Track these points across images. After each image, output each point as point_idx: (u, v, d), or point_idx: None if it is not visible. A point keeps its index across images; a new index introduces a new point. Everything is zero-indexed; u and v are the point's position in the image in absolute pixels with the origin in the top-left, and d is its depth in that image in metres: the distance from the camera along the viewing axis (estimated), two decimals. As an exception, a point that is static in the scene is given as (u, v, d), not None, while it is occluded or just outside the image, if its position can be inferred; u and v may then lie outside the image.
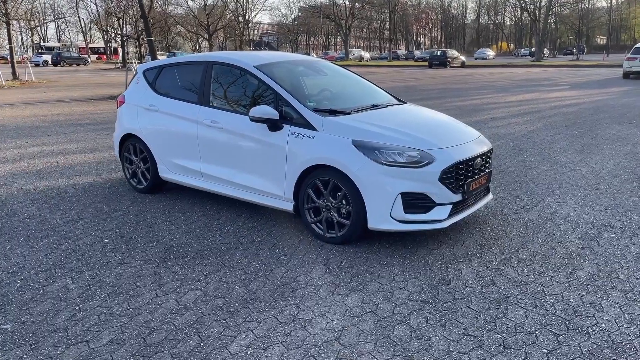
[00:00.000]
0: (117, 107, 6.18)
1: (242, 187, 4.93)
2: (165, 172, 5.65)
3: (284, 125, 4.52)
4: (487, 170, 4.64)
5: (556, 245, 4.35)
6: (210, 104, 5.15)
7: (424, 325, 3.14)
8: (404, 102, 5.46)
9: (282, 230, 4.73)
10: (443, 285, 3.66)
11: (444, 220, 4.19)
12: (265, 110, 4.47)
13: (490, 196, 4.93)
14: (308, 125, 4.41)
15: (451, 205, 4.22)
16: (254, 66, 4.94)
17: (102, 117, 12.94)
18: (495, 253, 4.19)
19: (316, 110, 4.51)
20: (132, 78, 6.18)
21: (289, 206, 4.62)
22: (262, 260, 4.09)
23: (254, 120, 4.52)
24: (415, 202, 4.09)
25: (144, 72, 5.98)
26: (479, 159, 4.45)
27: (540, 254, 4.16)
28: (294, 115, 4.51)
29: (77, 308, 3.37)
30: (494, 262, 4.02)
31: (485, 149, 4.59)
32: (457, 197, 4.24)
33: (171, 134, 5.42)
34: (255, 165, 4.74)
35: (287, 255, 4.19)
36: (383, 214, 4.09)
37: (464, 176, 4.29)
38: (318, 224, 4.47)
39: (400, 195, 4.04)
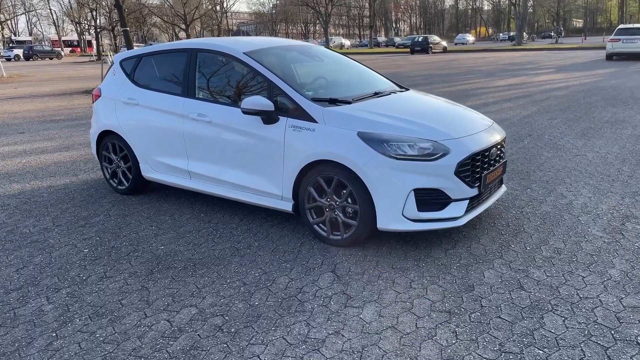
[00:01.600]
0: (93, 102, 5.68)
1: (234, 186, 4.49)
2: (149, 172, 5.18)
3: (280, 117, 4.09)
4: (502, 161, 4.27)
5: (580, 240, 4.00)
6: (196, 96, 4.69)
7: (453, 341, 2.76)
8: (407, 89, 5.06)
9: (281, 233, 4.31)
10: (466, 291, 3.29)
11: (461, 217, 3.81)
12: (259, 102, 4.04)
13: (504, 188, 4.57)
14: (307, 117, 3.98)
15: (467, 201, 3.85)
16: (243, 53, 4.49)
17: (77, 113, 12.31)
18: (517, 251, 3.83)
19: (315, 100, 4.09)
20: (108, 70, 5.67)
21: (287, 206, 4.21)
22: (262, 268, 3.68)
23: (247, 112, 4.08)
24: (430, 199, 3.71)
25: (120, 63, 5.48)
26: (494, 148, 4.09)
27: (565, 251, 3.81)
28: (290, 106, 4.08)
29: (54, 335, 2.92)
30: (517, 261, 3.66)
31: (499, 137, 4.21)
32: (474, 192, 3.86)
33: (154, 129, 4.95)
34: (249, 162, 4.31)
35: (289, 261, 3.78)
36: (394, 212, 3.69)
37: (480, 168, 3.92)
38: (321, 224, 4.07)
39: (413, 191, 3.65)
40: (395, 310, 3.08)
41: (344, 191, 3.84)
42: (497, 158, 4.19)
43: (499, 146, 4.19)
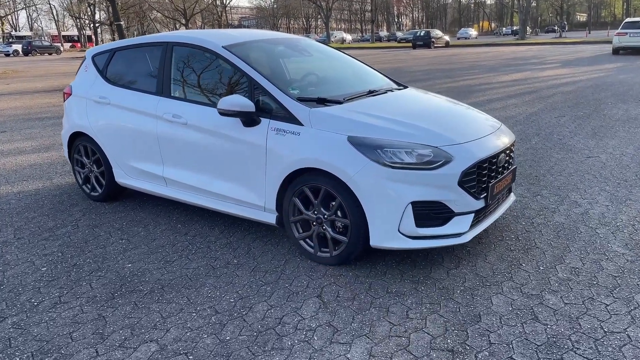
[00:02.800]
0: (64, 100, 5.22)
1: (213, 195, 4.04)
2: (122, 177, 4.73)
3: (262, 119, 3.64)
4: (511, 168, 3.81)
5: (600, 258, 3.55)
6: (172, 95, 4.23)
7: (457, 391, 2.32)
8: (405, 86, 4.59)
9: (264, 248, 3.86)
10: (472, 322, 2.83)
11: (466, 233, 3.36)
12: (238, 101, 3.58)
13: (513, 197, 4.11)
14: (292, 119, 3.53)
15: (473, 215, 3.39)
16: (222, 47, 4.02)
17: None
18: (528, 271, 3.37)
19: (301, 100, 3.63)
20: (80, 65, 5.22)
21: (270, 218, 3.76)
22: (239, 292, 3.23)
23: (224, 113, 3.62)
24: (430, 213, 3.25)
25: (93, 58, 5.02)
26: (502, 154, 3.62)
27: (583, 272, 3.35)
28: (273, 106, 3.62)
29: (-14, 379, 2.49)
30: (530, 284, 3.21)
31: (507, 141, 3.75)
32: (480, 204, 3.40)
33: (126, 131, 4.49)
34: (228, 168, 3.86)
35: (270, 283, 3.33)
36: (389, 228, 3.24)
37: (487, 177, 3.46)
38: (308, 240, 3.62)
39: (410, 204, 3.19)
40: (389, 347, 2.63)
41: (333, 203, 3.39)
42: (506, 165, 3.74)
43: (507, 151, 3.73)
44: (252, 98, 3.71)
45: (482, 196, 3.41)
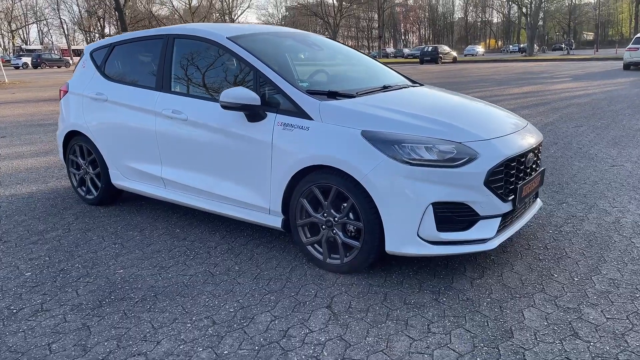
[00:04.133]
0: (60, 99, 4.95)
1: (213, 197, 3.74)
2: (119, 179, 4.43)
3: (268, 113, 3.34)
4: (539, 170, 3.49)
5: (639, 268, 3.20)
6: (172, 90, 3.95)
7: (492, 418, 1.97)
8: (421, 84, 4.29)
9: (268, 254, 3.54)
10: (503, 338, 2.49)
11: (492, 239, 3.02)
12: (242, 94, 3.28)
13: (539, 203, 3.78)
14: (300, 113, 3.22)
15: (500, 218, 3.06)
16: (226, 37, 3.74)
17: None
18: (562, 283, 3.03)
19: (311, 93, 3.33)
20: (78, 62, 4.95)
21: (276, 222, 3.44)
22: (240, 301, 2.90)
23: (227, 107, 3.32)
24: (453, 216, 2.92)
25: (91, 53, 4.75)
26: (531, 153, 3.30)
27: (623, 283, 3.01)
28: (280, 100, 3.33)
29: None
30: (565, 297, 2.87)
31: (535, 140, 3.43)
32: (507, 207, 3.07)
33: (123, 129, 4.21)
34: (230, 167, 3.55)
35: (275, 292, 3.00)
36: (407, 232, 2.91)
37: (515, 177, 3.14)
38: (316, 245, 3.29)
39: (431, 206, 2.87)
40: (410, 365, 2.29)
41: (345, 204, 3.07)
42: (534, 166, 3.42)
43: (536, 151, 3.40)
44: (258, 91, 3.41)
45: (509, 198, 3.08)
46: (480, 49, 72.72)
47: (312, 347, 2.45)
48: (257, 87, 3.44)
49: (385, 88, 3.80)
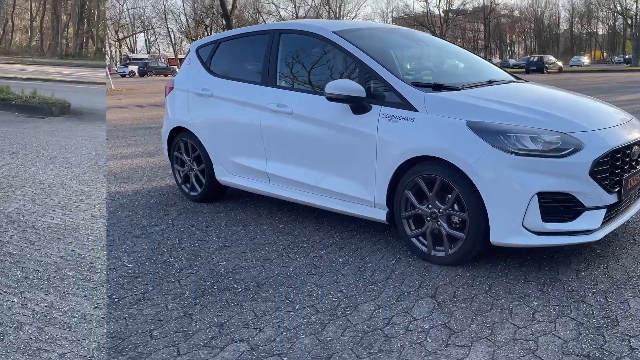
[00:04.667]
0: (165, 95, 5.32)
1: (318, 191, 3.90)
2: (224, 175, 4.71)
3: (373, 105, 3.45)
4: (645, 162, 3.37)
5: None
6: (277, 84, 4.15)
7: (605, 404, 1.97)
8: (526, 80, 4.26)
9: (372, 248, 3.66)
10: (609, 326, 2.46)
11: (597, 230, 2.97)
12: (347, 85, 3.43)
13: (645, 195, 3.63)
14: (405, 104, 3.32)
15: (605, 210, 3.00)
16: (332, 32, 3.90)
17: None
18: (676, 276, 2.91)
19: (416, 85, 3.42)
20: (184, 59, 5.31)
21: (380, 215, 3.55)
22: (343, 291, 3.05)
23: (332, 98, 3.48)
24: (558, 206, 2.91)
25: (197, 50, 5.04)
26: (636, 146, 3.20)
27: None
28: (385, 92, 3.43)
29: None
30: (679, 290, 2.76)
31: (639, 135, 3.32)
32: (612, 199, 3.01)
33: (229, 124, 4.47)
34: (335, 160, 3.70)
35: (378, 283, 3.11)
36: (512, 223, 2.92)
37: (620, 169, 3.06)
38: (420, 237, 3.36)
39: (536, 196, 2.87)
40: (514, 351, 2.33)
41: (449, 196, 3.13)
42: (639, 159, 3.30)
43: (641, 145, 3.29)
44: (363, 84, 3.53)
45: (615, 190, 3.01)
46: (585, 59, 69.70)
47: (416, 334, 2.54)
48: (362, 80, 3.56)
49: (490, 82, 3.82)
